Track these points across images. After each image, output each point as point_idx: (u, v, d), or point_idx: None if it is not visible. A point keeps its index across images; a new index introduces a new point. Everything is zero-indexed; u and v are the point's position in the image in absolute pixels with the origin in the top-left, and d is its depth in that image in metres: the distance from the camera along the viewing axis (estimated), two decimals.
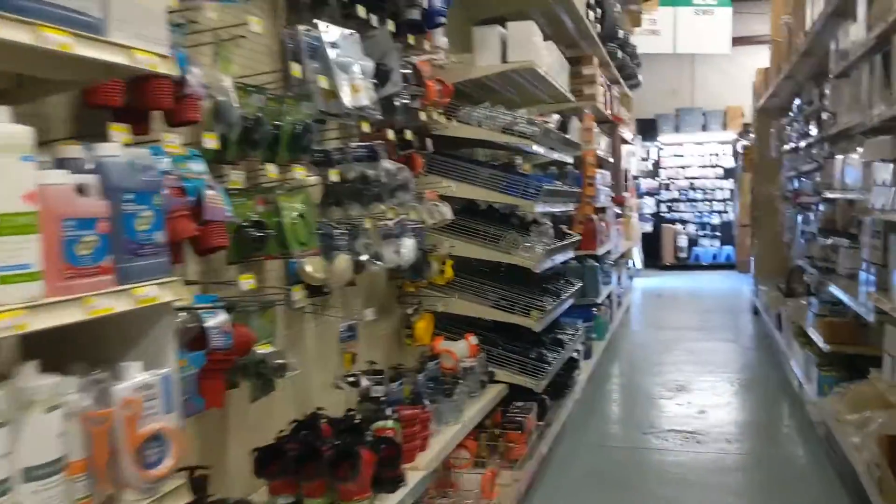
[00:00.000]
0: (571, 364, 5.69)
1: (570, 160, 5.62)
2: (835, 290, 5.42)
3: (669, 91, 16.47)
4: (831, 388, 5.57)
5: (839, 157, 5.40)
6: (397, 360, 4.37)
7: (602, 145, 8.23)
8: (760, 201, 10.74)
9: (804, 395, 6.32)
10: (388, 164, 3.40)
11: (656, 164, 16.77)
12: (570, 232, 5.64)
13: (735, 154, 16.07)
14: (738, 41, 15.51)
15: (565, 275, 5.97)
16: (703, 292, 13.13)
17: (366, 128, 3.50)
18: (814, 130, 7.31)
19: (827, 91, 6.62)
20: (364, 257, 3.46)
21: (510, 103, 5.22)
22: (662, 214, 16.70)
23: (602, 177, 8.06)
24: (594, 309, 7.17)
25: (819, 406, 5.48)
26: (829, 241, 6.42)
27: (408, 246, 3.64)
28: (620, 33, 8.79)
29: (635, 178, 15.41)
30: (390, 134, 3.58)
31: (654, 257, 16.40)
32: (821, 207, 6.89)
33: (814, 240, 7.30)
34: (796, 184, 8.98)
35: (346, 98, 3.14)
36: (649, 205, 16.66)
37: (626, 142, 10.44)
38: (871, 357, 5.58)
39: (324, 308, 3.49)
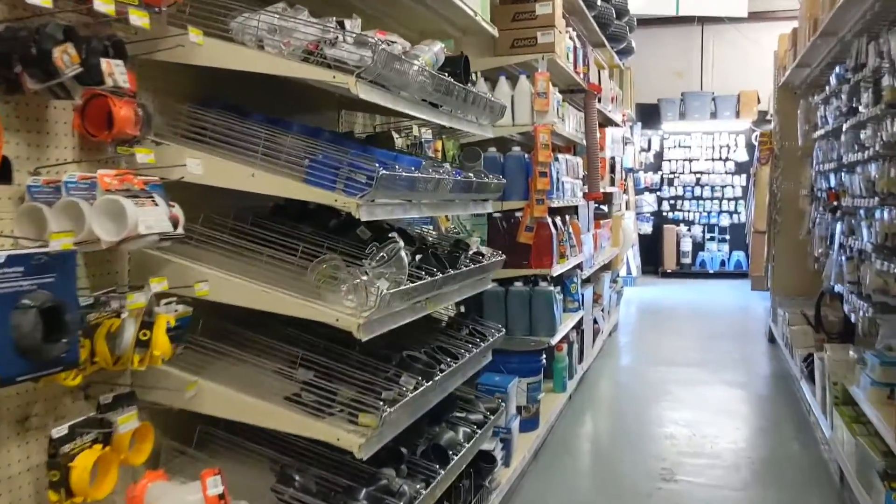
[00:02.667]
0: (478, 467, 3.39)
1: (473, 130, 3.30)
2: None
3: (674, 72, 14.11)
4: None
5: None
6: None
7: (571, 122, 5.92)
8: (781, 202, 8.41)
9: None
10: None
11: (658, 156, 14.41)
12: (480, 252, 3.35)
13: (749, 146, 13.72)
14: (754, 16, 13.18)
15: (478, 314, 3.67)
16: (708, 308, 10.78)
17: None
18: (865, 106, 5.00)
19: (893, 40, 4.33)
20: None
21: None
22: (664, 213, 14.36)
23: (567, 165, 5.75)
24: (542, 356, 4.86)
25: None
26: None
27: None
28: None
29: (632, 170, 13.12)
30: None
31: (653, 263, 14.08)
32: (881, 215, 4.57)
33: (864, 260, 5.00)
34: (832, 180, 6.66)
35: None
36: (649, 202, 14.32)
37: (611, 122, 8.12)
38: None
39: None
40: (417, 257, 2.74)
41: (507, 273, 5.05)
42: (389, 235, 2.44)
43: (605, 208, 8.72)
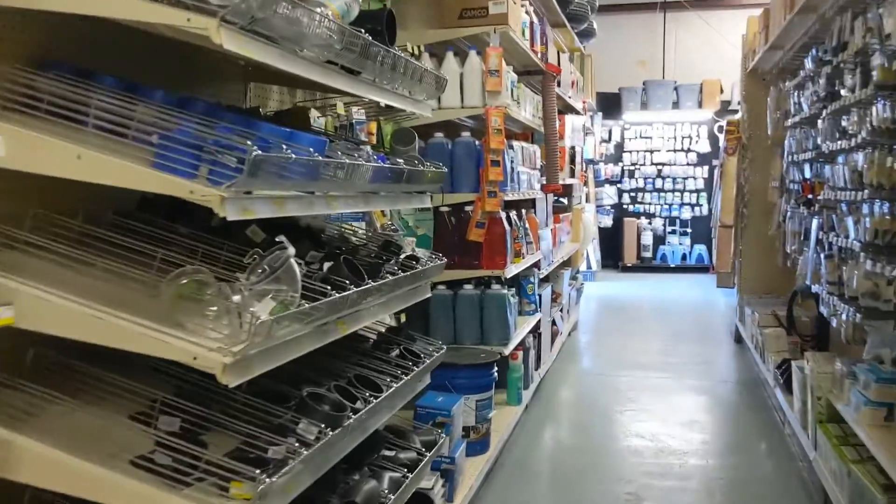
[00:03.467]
0: None
1: (406, 107, 2.66)
2: None
3: (637, 61, 13.61)
4: None
5: None
6: None
7: (528, 107, 5.33)
8: (749, 194, 7.93)
9: None
10: None
11: (619, 147, 13.91)
12: (414, 255, 2.74)
13: (711, 136, 13.31)
14: (718, 3, 12.78)
15: (423, 322, 3.05)
16: (670, 305, 10.30)
17: None
18: (850, 90, 4.49)
19: (887, 14, 3.82)
20: None
21: None
22: (625, 206, 13.87)
23: (524, 153, 5.17)
24: (494, 369, 4.25)
25: None
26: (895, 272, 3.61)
27: None
28: None
29: (592, 162, 12.63)
30: None
31: (613, 257, 13.61)
32: (870, 209, 4.05)
33: (848, 259, 4.49)
34: (808, 171, 6.17)
35: None
36: (610, 195, 13.83)
37: (571, 110, 7.56)
38: None
39: None
40: (326, 266, 2.11)
41: (456, 274, 4.47)
42: (277, 239, 1.81)
43: (564, 201, 8.18)
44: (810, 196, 5.95)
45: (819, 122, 5.34)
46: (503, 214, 4.51)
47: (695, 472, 4.50)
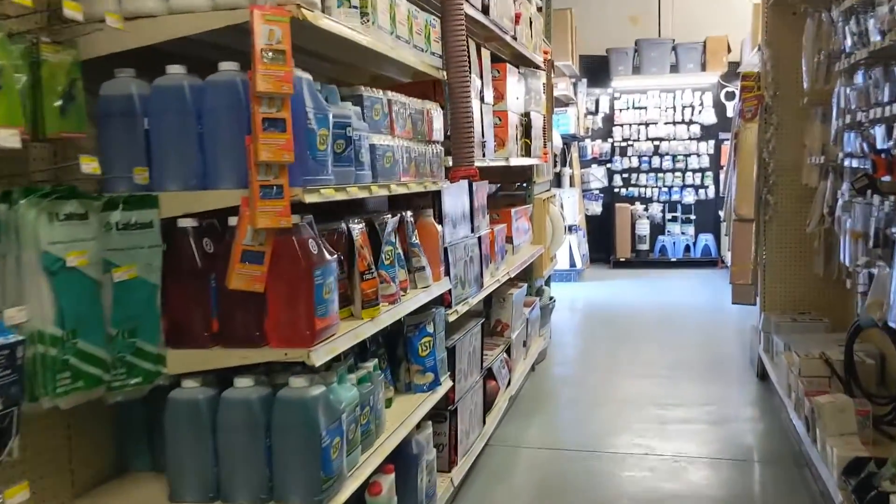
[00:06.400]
0: None
1: None
2: None
3: (628, 17, 11.19)
4: None
5: None
6: None
7: (400, 32, 2.99)
8: (776, 175, 5.58)
9: None
10: None
11: (608, 120, 11.51)
12: None
13: (717, 105, 10.95)
14: None
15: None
16: (672, 316, 7.95)
17: None
18: None
19: None
20: None
21: None
22: (616, 190, 11.50)
23: (395, 111, 2.83)
24: None
25: None
26: None
27: None
28: None
29: (576, 138, 10.30)
30: None
31: (604, 250, 11.28)
32: None
33: None
34: (880, 138, 3.82)
35: None
36: (598, 177, 11.48)
37: (525, 61, 5.22)
38: None
39: None
40: None
41: (216, 359, 2.15)
42: None
43: (518, 189, 5.87)
44: (888, 177, 3.63)
45: None
46: (311, 231, 2.18)
47: None
